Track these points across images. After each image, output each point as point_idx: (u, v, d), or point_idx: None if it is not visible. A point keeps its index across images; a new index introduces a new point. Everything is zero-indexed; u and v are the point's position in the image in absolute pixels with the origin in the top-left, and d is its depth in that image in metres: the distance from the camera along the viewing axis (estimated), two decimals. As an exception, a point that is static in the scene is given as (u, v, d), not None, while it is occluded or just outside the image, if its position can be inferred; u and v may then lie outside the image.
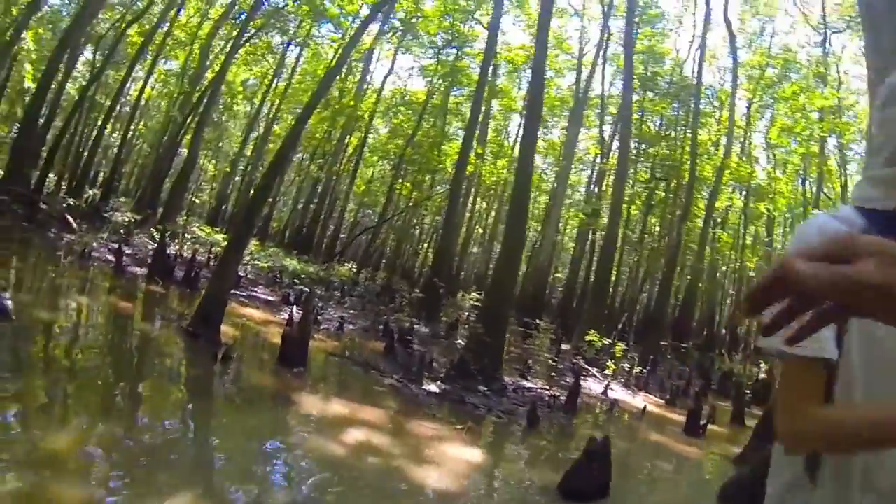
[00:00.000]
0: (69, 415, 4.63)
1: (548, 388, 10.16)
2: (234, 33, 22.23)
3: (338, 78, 30.13)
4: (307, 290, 14.17)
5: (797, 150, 27.99)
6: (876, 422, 0.67)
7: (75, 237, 13.41)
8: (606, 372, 12.64)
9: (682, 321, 21.75)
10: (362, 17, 17.18)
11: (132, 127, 28.46)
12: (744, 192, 28.47)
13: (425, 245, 33.65)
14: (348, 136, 27.91)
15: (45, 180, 18.15)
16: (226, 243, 11.49)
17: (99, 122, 24.51)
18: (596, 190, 22.24)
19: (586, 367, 13.20)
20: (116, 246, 12.29)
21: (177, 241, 15.80)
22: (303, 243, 24.93)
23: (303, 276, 16.85)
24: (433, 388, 8.06)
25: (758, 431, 7.52)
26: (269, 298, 12.96)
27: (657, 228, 26.87)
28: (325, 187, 26.56)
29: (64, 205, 16.58)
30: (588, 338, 14.27)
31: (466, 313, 17.83)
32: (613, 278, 22.55)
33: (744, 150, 29.38)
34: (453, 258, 22.91)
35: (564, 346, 16.04)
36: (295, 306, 11.04)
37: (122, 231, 15.93)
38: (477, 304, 16.97)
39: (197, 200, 35.92)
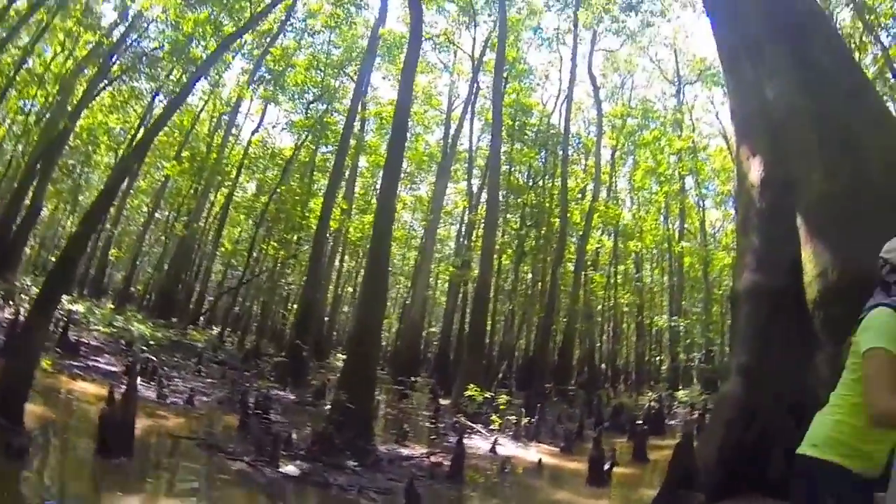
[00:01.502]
0: None
1: (428, 453, 9.23)
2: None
3: (204, 131, 29.04)
4: (154, 358, 12.68)
5: (660, 190, 30.13)
6: None
7: None
8: (492, 427, 11.93)
9: (562, 363, 22.05)
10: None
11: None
12: (612, 234, 30.11)
13: (295, 306, 32.52)
14: (213, 193, 26.57)
15: None
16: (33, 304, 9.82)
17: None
18: (466, 242, 22.48)
19: (469, 423, 12.31)
20: None
21: (11, 301, 13.84)
22: (166, 307, 23.02)
23: (152, 342, 15.22)
24: (292, 469, 6.92)
25: (671, 473, 6.53)
26: (112, 369, 11.26)
27: (530, 275, 27.45)
28: (188, 247, 24.87)
29: None
30: (468, 392, 13.41)
31: (338, 375, 16.91)
32: (489, 327, 22.58)
33: (610, 194, 31.20)
34: (321, 318, 21.97)
35: (444, 402, 15.23)
36: (139, 377, 9.62)
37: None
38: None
39: (53, 259, 32.56)
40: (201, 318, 22.97)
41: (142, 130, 26.76)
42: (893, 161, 6.13)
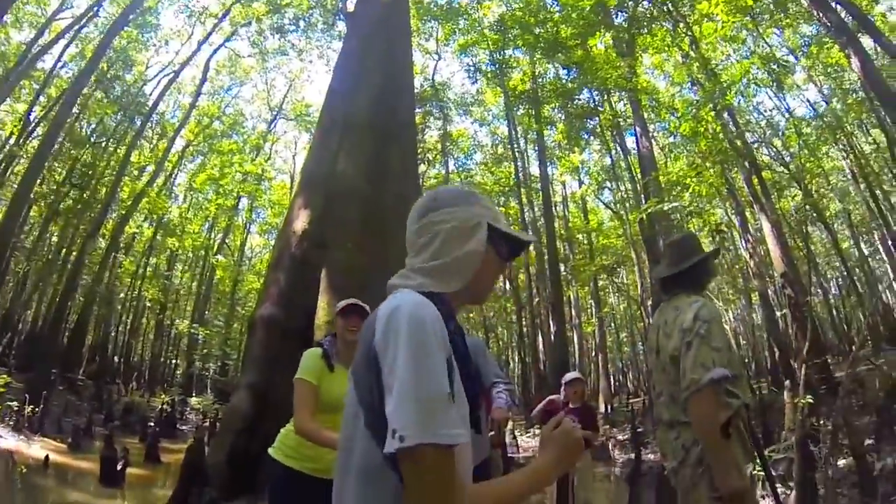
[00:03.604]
0: None
1: None
2: None
3: None
4: None
5: (214, 199, 30.40)
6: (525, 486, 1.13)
7: None
8: None
9: (73, 347, 19.19)
10: None
11: None
12: (154, 224, 28.62)
13: None
14: None
15: None
16: None
17: None
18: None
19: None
20: None
21: None
22: None
23: None
24: None
25: (184, 472, 6.79)
26: None
27: (55, 239, 23.49)
28: None
29: None
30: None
31: None
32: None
33: (167, 184, 29.75)
34: None
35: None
36: None
37: None
38: None
39: None
40: None
41: None
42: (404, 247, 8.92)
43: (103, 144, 23.69)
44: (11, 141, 18.42)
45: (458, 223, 1.25)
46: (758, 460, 3.20)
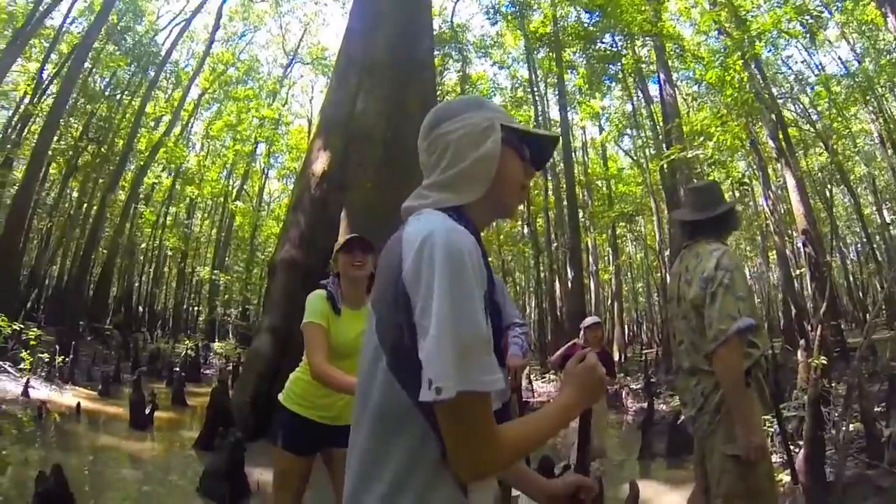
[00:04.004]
0: None
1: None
2: None
3: None
4: None
5: (231, 146, 30.38)
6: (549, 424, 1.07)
7: None
8: (23, 366, 10.27)
9: (98, 299, 19.87)
10: None
11: None
12: (173, 174, 28.82)
13: None
14: None
15: None
16: None
17: None
18: (14, 137, 17.74)
19: (-6, 360, 10.32)
20: None
21: None
22: None
23: None
24: None
25: (210, 414, 7.16)
26: None
27: (75, 194, 23.86)
28: None
29: None
30: (-5, 321, 11.15)
31: None
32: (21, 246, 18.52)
33: (184, 133, 29.73)
34: None
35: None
36: None
37: None
38: None
39: None
40: None
41: None
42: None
43: (118, 97, 23.58)
44: (26, 101, 18.41)
45: (468, 129, 1.15)
46: (773, 413, 3.27)
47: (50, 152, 17.73)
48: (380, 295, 1.04)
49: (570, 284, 19.77)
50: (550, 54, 22.05)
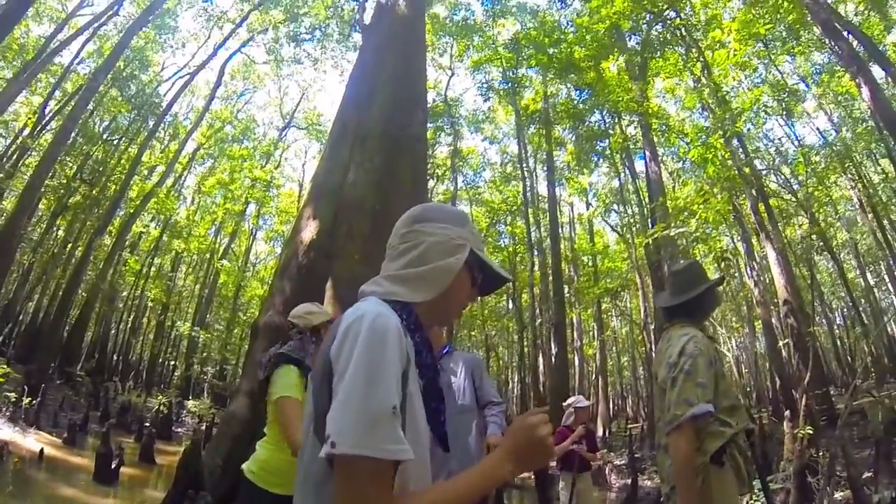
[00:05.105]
0: None
1: None
2: None
3: None
4: None
5: (221, 204, 30.56)
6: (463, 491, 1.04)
7: None
8: None
9: (72, 342, 19.16)
10: None
11: None
12: (162, 225, 28.77)
13: None
14: None
15: None
16: None
17: None
18: (8, 167, 17.81)
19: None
20: None
21: None
22: None
23: None
24: None
25: (180, 475, 6.90)
26: None
27: (61, 233, 23.68)
28: None
29: None
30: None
31: None
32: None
33: (175, 186, 29.96)
34: None
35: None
36: None
37: None
38: None
39: None
40: None
41: None
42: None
43: (115, 142, 23.96)
44: (25, 132, 18.63)
45: (443, 239, 1.25)
46: (757, 487, 3.20)
47: (42, 188, 17.73)
48: (316, 367, 1.13)
49: (553, 359, 19.55)
50: (540, 130, 22.86)
